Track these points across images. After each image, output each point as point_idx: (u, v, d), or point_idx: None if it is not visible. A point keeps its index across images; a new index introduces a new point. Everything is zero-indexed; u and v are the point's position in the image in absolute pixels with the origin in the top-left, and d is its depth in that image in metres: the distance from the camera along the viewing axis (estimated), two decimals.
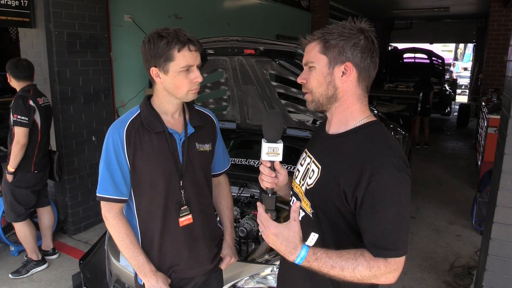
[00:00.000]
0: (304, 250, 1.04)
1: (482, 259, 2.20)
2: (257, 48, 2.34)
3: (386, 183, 1.01)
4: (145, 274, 1.44)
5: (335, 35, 1.08)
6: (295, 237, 1.05)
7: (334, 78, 1.10)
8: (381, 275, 1.02)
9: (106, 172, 1.39)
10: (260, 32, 6.92)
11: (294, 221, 1.06)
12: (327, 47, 1.09)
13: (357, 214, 1.05)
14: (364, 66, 1.09)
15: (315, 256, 1.03)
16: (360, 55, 1.08)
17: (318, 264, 1.03)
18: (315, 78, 1.12)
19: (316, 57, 1.11)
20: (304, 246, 1.04)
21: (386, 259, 1.01)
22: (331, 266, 1.02)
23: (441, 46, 20.00)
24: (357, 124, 1.13)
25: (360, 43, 1.07)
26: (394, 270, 1.03)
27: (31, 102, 2.98)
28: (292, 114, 2.91)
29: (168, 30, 1.33)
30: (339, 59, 1.08)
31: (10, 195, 3.08)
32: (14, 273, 3.19)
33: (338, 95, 1.12)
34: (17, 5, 3.40)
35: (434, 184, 5.63)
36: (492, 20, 7.44)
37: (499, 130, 2.31)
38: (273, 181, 1.20)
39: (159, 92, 1.43)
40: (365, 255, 1.02)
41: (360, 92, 1.13)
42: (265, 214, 1.09)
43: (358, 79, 1.11)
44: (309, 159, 1.22)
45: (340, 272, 1.01)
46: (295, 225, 1.06)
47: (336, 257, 1.02)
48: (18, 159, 2.96)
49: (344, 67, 1.09)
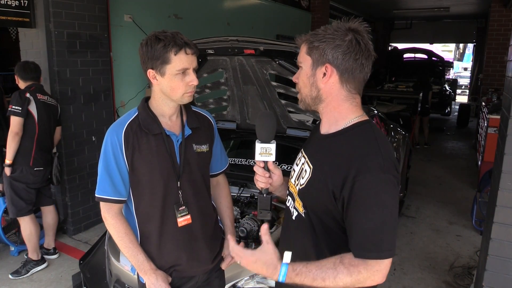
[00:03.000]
0: (283, 268, 1.06)
1: (482, 259, 2.20)
2: (257, 48, 2.34)
3: (370, 184, 1.01)
4: (145, 272, 1.45)
5: (319, 37, 1.08)
6: (273, 259, 1.08)
7: (316, 80, 1.11)
8: (364, 279, 1.01)
9: (104, 173, 1.41)
10: (260, 32, 6.92)
11: (267, 244, 1.09)
12: (311, 49, 1.10)
13: (344, 215, 1.06)
14: (346, 68, 1.08)
15: (295, 272, 1.05)
16: (342, 57, 1.06)
17: (300, 279, 1.04)
18: (301, 79, 1.15)
19: (303, 58, 1.13)
20: (283, 265, 1.06)
21: (365, 261, 1.01)
22: (312, 278, 1.03)
23: (441, 46, 20.02)
24: (347, 124, 1.12)
25: (343, 45, 1.06)
26: (377, 272, 1.02)
27: (28, 94, 3.06)
28: (292, 114, 2.91)
29: (166, 33, 1.34)
30: (320, 60, 1.09)
31: (9, 189, 3.11)
32: (14, 273, 3.20)
33: (322, 96, 1.12)
34: (17, 5, 3.40)
35: (434, 184, 5.63)
36: (492, 20, 7.44)
37: (499, 130, 2.31)
38: (267, 181, 1.21)
39: (156, 94, 1.44)
40: (344, 261, 1.02)
41: (345, 93, 1.11)
42: (237, 246, 1.14)
43: (340, 81, 1.10)
44: (303, 159, 1.23)
45: (323, 283, 1.02)
46: (269, 247, 1.09)
47: (315, 270, 1.03)
48: (12, 149, 2.99)
49: (324, 68, 1.09)
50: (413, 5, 10.56)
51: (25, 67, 3.12)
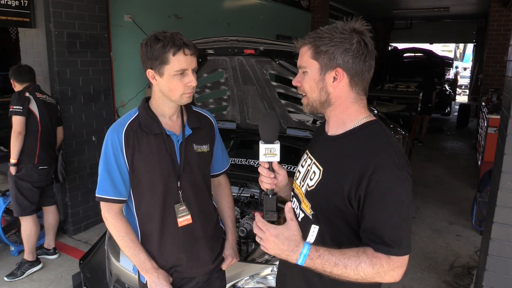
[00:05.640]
0: (306, 247, 1.03)
1: (482, 259, 2.20)
2: (257, 48, 2.34)
3: (387, 182, 1.00)
4: (147, 271, 1.45)
5: (325, 40, 1.06)
6: (296, 235, 1.04)
7: (326, 84, 1.09)
8: (384, 272, 1.01)
9: (105, 173, 1.41)
10: (260, 32, 6.92)
11: (292, 221, 1.06)
12: (317, 53, 1.08)
13: (360, 214, 1.04)
14: (356, 71, 1.08)
15: (317, 253, 1.02)
16: (352, 60, 1.06)
17: (321, 262, 1.01)
18: (307, 83, 1.12)
19: (308, 63, 1.10)
20: (306, 243, 1.04)
21: (388, 256, 1.00)
22: (334, 263, 1.00)
23: (441, 46, 20.01)
24: (356, 125, 1.12)
25: (352, 48, 1.05)
26: (397, 268, 1.02)
27: (27, 94, 3.08)
28: (292, 114, 2.91)
29: (165, 33, 1.34)
30: (329, 65, 1.07)
31: (14, 188, 3.12)
32: (10, 276, 3.18)
33: (331, 100, 1.12)
34: (17, 5, 3.40)
35: (434, 184, 5.63)
36: (492, 20, 7.44)
37: (499, 130, 2.31)
38: (272, 181, 1.20)
39: (155, 94, 1.45)
40: (368, 252, 1.01)
41: (354, 96, 1.11)
42: (263, 220, 1.09)
43: (350, 84, 1.09)
44: (310, 161, 1.22)
45: (344, 270, 1.00)
46: (293, 224, 1.06)
47: (338, 254, 1.01)
48: (17, 149, 3.01)
49: (335, 72, 1.08)
50: (413, 5, 10.56)
51: (20, 70, 3.16)
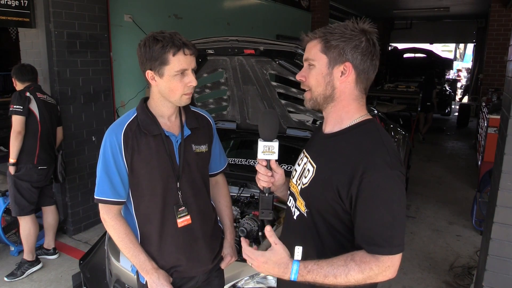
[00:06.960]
0: (295, 265, 1.06)
1: (482, 259, 2.20)
2: (257, 48, 2.34)
3: (378, 181, 1.01)
4: (147, 272, 1.45)
5: (336, 36, 1.07)
6: (283, 258, 1.08)
7: (333, 78, 1.10)
8: (376, 275, 1.02)
9: (104, 174, 1.40)
10: (260, 32, 6.92)
11: (276, 245, 1.10)
12: (327, 47, 1.09)
13: (352, 213, 1.05)
14: (363, 68, 1.09)
15: (306, 269, 1.05)
16: (360, 57, 1.07)
17: (312, 276, 1.04)
18: (314, 77, 1.12)
19: (317, 56, 1.11)
20: (295, 262, 1.06)
21: (377, 258, 1.01)
22: (324, 275, 1.03)
23: (441, 46, 19.99)
24: (351, 123, 1.13)
25: (361, 45, 1.07)
26: (388, 267, 1.02)
27: (28, 93, 3.08)
28: (292, 114, 2.91)
29: (164, 33, 1.33)
30: (339, 59, 1.08)
31: (13, 188, 3.12)
32: (9, 276, 3.18)
33: (335, 95, 1.12)
34: (17, 5, 3.40)
35: (434, 184, 5.63)
36: (492, 20, 7.44)
37: (499, 130, 2.31)
38: (269, 180, 1.20)
39: (154, 95, 1.44)
40: (356, 259, 1.02)
41: (357, 94, 1.13)
42: (249, 248, 1.13)
43: (356, 81, 1.11)
44: (305, 159, 1.22)
45: (335, 280, 1.02)
46: (278, 248, 1.09)
47: (327, 267, 1.03)
48: (16, 148, 3.01)
49: (343, 67, 1.08)
50: (413, 5, 10.56)
51: (22, 69, 3.16)
